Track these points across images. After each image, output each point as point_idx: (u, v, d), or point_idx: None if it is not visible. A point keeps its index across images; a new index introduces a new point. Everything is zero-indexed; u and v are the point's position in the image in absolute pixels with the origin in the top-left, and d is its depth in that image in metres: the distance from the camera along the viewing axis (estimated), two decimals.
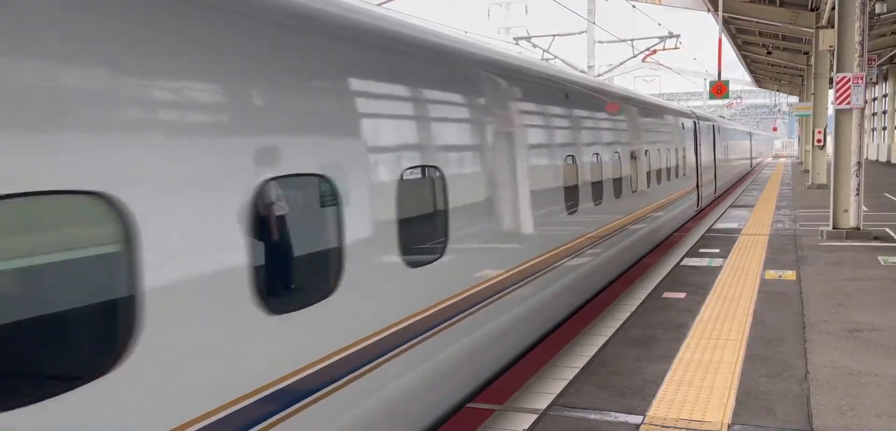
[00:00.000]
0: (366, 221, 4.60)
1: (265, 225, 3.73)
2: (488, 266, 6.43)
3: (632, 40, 32.45)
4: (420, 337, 5.13)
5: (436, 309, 5.40)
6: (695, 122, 19.74)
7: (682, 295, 9.64)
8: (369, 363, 4.50)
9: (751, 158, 45.27)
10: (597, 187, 9.76)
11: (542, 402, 5.86)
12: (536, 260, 7.47)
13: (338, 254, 4.29)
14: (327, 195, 4.21)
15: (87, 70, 2.80)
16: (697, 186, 19.73)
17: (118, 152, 2.88)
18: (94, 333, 2.96)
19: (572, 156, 8.77)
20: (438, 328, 5.43)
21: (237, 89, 3.60)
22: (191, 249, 3.22)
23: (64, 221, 2.85)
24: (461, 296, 5.81)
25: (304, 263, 4.19)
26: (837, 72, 14.72)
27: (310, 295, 4.07)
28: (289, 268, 4.04)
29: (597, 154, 9.85)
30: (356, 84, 4.65)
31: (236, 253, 3.46)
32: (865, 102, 14.50)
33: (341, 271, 4.28)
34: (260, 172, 3.64)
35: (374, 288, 4.67)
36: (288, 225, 3.94)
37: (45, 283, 2.84)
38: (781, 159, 73.37)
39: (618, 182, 10.88)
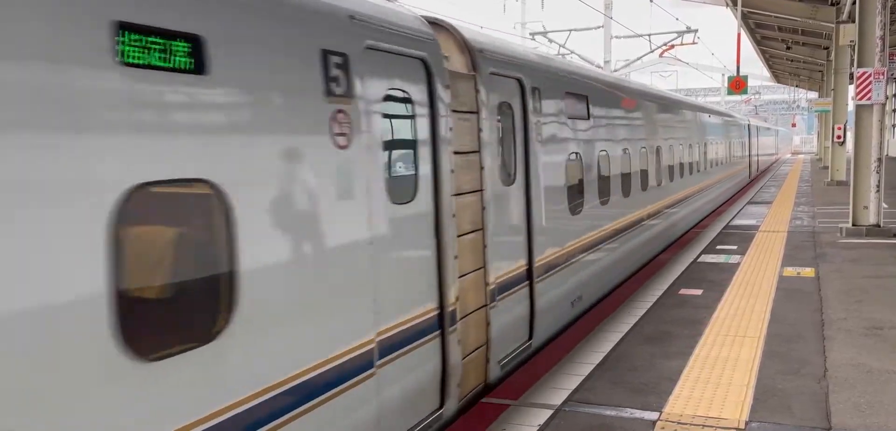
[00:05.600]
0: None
1: None
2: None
3: (649, 35, 32.24)
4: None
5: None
6: (778, 131, 61.11)
7: (698, 291, 9.59)
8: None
9: (787, 144, 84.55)
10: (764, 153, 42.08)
11: (558, 398, 5.85)
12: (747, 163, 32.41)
13: None
14: None
15: None
16: (777, 151, 58.11)
17: None
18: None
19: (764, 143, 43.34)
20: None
21: None
22: None
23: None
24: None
25: None
26: (858, 67, 14.56)
27: None
28: None
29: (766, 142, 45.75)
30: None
31: None
32: (886, 98, 14.33)
33: None
34: None
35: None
36: None
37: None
38: (800, 156, 72.68)
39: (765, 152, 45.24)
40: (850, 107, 16.77)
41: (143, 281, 2.97)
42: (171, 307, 3.07)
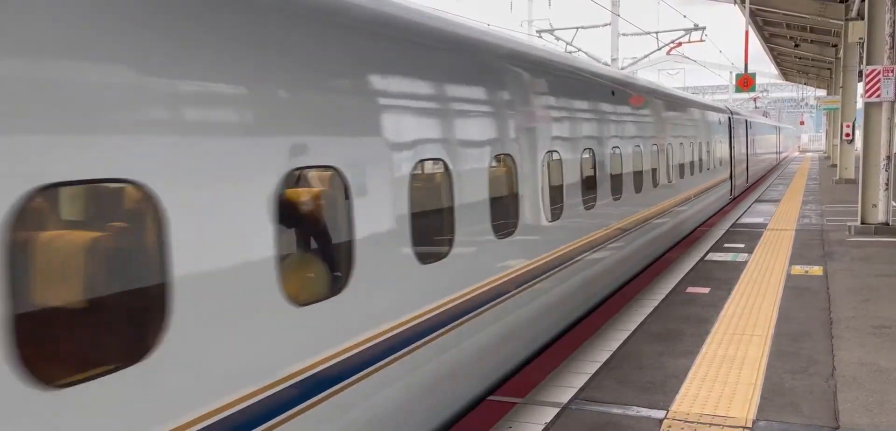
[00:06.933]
0: None
1: None
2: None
3: (656, 33, 32.13)
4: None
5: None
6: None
7: (706, 290, 9.55)
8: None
9: (793, 142, 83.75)
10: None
11: (564, 396, 5.84)
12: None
13: None
14: None
15: None
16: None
17: None
18: None
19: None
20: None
21: None
22: None
23: None
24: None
25: None
26: (867, 64, 14.48)
27: None
28: None
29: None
30: None
31: None
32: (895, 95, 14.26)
33: None
34: None
35: None
36: None
37: None
38: (808, 154, 72.37)
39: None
40: (859, 104, 16.65)
41: None
42: None
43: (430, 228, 5.29)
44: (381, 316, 4.51)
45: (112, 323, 2.97)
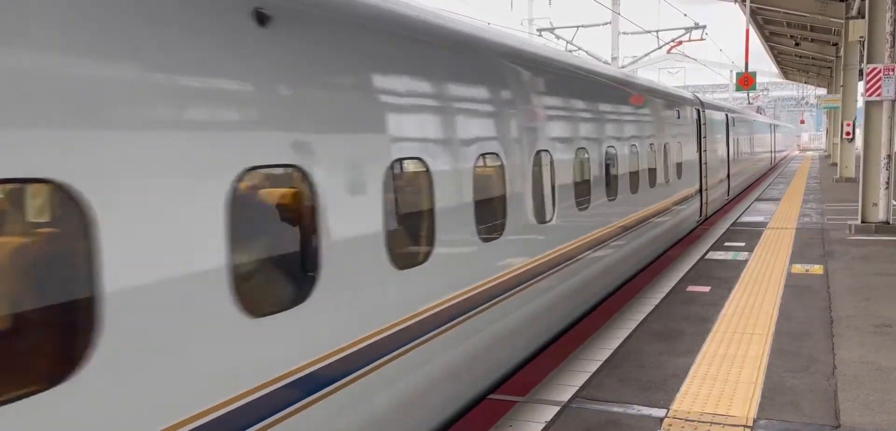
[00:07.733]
0: None
1: None
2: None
3: (657, 31, 32.12)
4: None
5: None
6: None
7: (706, 288, 9.55)
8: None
9: (791, 141, 79.03)
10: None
11: (565, 394, 5.84)
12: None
13: None
14: None
15: None
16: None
17: None
18: None
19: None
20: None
21: None
22: None
23: None
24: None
25: None
26: (868, 63, 14.47)
27: None
28: None
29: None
30: None
31: None
32: None
33: None
34: None
35: None
36: None
37: None
38: (808, 152, 72.30)
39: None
40: (860, 103, 16.64)
41: None
42: None
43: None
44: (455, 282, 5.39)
45: (283, 273, 3.97)
